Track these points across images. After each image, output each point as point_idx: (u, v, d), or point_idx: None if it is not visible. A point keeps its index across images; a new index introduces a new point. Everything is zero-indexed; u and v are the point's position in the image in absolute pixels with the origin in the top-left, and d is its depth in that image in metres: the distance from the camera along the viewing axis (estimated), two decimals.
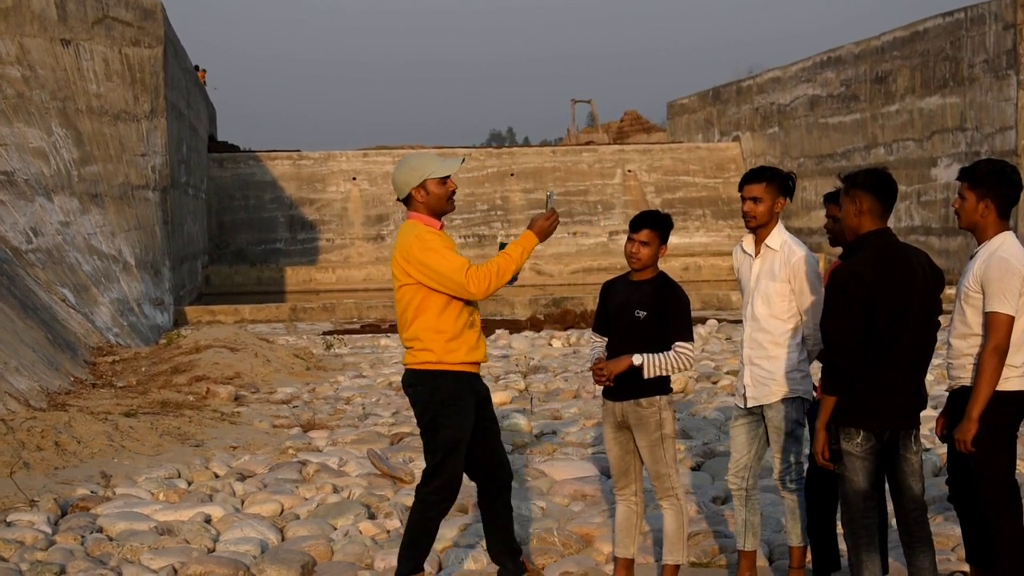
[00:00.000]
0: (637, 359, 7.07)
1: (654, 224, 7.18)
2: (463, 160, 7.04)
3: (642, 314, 7.11)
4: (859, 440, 6.34)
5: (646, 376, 7.08)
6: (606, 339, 7.35)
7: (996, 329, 6.47)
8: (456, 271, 6.72)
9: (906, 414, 6.43)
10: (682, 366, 7.10)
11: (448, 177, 6.95)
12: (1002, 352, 6.48)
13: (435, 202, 6.92)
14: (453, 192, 6.98)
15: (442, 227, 6.99)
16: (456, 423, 6.90)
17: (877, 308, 6.24)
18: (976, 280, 6.53)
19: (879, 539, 6.71)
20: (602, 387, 7.28)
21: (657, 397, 7.17)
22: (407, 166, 6.95)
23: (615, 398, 7.26)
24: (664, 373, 7.10)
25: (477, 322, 7.01)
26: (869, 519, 6.40)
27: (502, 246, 6.99)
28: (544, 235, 6.94)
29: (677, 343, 7.08)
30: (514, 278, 6.94)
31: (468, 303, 6.91)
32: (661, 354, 7.08)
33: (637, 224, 7.19)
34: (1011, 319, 6.47)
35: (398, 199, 7.00)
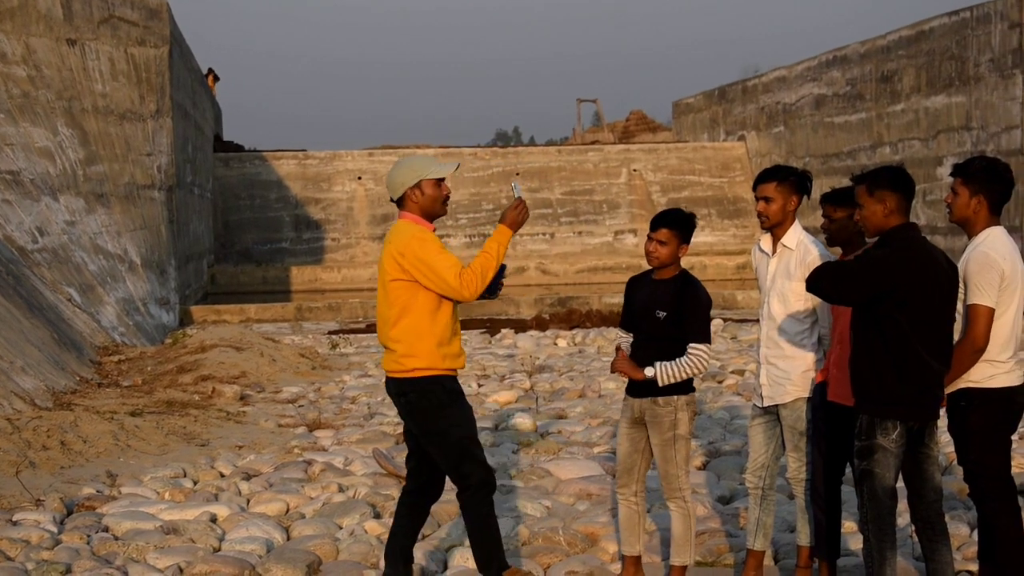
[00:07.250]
0: (649, 372, 7.05)
1: (672, 223, 7.15)
2: (458, 165, 7.02)
3: (662, 314, 7.09)
4: (895, 435, 6.28)
5: (660, 385, 7.06)
6: (631, 335, 7.35)
7: (975, 320, 6.51)
8: (451, 274, 6.68)
9: (937, 405, 6.42)
10: (696, 369, 7.05)
11: (443, 180, 6.93)
12: (978, 345, 6.51)
13: (428, 203, 6.89)
14: (447, 196, 6.95)
15: (434, 230, 6.96)
16: (462, 420, 6.85)
17: (904, 299, 6.19)
18: (961, 276, 6.55)
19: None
20: (625, 380, 7.27)
21: (675, 397, 7.15)
22: (404, 166, 6.92)
23: (635, 394, 7.25)
24: (677, 380, 7.08)
25: (459, 330, 6.98)
26: (893, 516, 6.37)
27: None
28: (516, 226, 6.92)
29: (691, 345, 7.05)
30: (499, 287, 6.94)
31: (453, 310, 6.88)
32: (674, 362, 7.04)
33: (656, 223, 7.17)
34: (990, 311, 6.51)
35: (391, 199, 6.95)
